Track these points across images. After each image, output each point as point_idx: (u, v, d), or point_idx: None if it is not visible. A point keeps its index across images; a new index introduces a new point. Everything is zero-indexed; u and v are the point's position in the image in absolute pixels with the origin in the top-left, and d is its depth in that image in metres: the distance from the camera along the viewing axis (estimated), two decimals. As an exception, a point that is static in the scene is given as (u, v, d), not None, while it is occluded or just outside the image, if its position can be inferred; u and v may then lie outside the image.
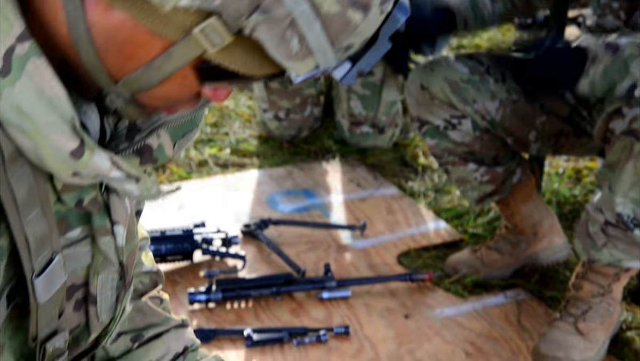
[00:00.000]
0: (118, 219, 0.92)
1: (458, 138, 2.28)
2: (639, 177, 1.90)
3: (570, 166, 2.98)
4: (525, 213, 2.41)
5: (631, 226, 1.95)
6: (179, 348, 1.17)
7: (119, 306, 0.98)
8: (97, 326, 0.96)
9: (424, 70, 2.31)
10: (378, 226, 2.70)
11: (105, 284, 0.94)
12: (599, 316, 2.08)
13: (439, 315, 2.28)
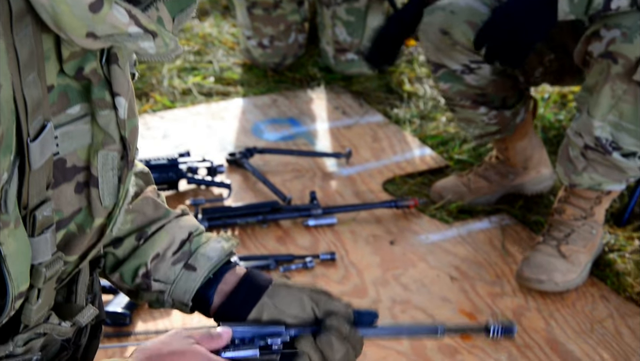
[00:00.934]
0: (119, 91, 0.90)
1: (473, 82, 2.23)
2: (617, 100, 1.90)
3: (555, 91, 2.97)
4: (520, 149, 2.41)
5: (610, 149, 1.95)
6: (184, 235, 1.18)
7: (122, 187, 0.96)
8: (100, 210, 0.94)
9: (442, 12, 2.17)
10: (363, 154, 2.70)
11: (106, 164, 0.93)
12: (582, 239, 2.10)
13: (424, 241, 2.30)
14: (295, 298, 1.13)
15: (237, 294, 1.15)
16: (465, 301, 2.06)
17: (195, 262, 1.16)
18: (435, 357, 1.89)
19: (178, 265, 1.15)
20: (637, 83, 1.86)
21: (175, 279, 1.15)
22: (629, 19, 1.85)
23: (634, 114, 1.90)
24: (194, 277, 1.15)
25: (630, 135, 1.93)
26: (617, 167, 1.99)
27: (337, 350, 1.09)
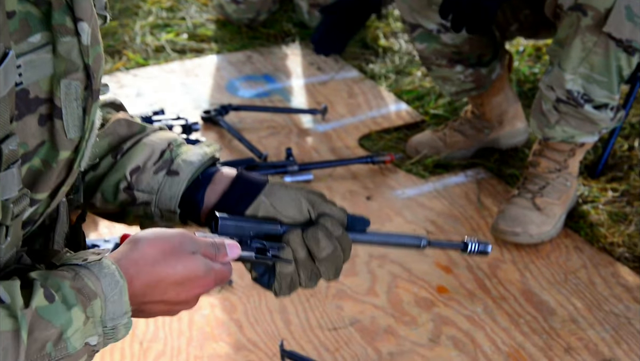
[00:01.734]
0: (82, 16, 0.88)
1: (449, 40, 2.22)
2: (587, 52, 1.91)
3: (530, 44, 2.97)
4: (495, 104, 2.41)
5: (581, 102, 1.96)
6: (163, 145, 1.13)
7: (87, 119, 0.92)
8: (65, 142, 0.91)
9: None
10: (339, 110, 2.69)
11: (69, 94, 0.90)
12: (556, 191, 2.12)
13: (401, 196, 2.31)
14: (293, 199, 1.10)
15: (231, 193, 1.11)
16: (441, 255, 2.08)
17: (177, 168, 1.11)
18: (412, 310, 1.91)
19: (160, 173, 1.11)
20: (607, 35, 1.87)
21: (160, 188, 1.11)
22: None
23: (604, 66, 1.91)
24: (177, 181, 1.10)
25: (601, 87, 1.94)
26: (589, 120, 2.00)
27: (324, 247, 1.07)
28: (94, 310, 0.87)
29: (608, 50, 1.89)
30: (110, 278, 0.88)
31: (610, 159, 2.38)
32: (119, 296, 0.89)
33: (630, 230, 2.13)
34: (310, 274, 1.09)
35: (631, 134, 2.50)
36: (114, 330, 0.89)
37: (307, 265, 1.08)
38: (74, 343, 0.85)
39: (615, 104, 2.01)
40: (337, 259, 1.09)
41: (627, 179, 2.32)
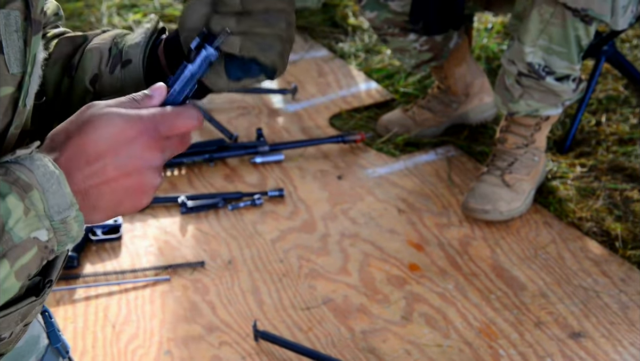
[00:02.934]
0: None
1: (399, 8, 2.22)
2: (545, 24, 1.92)
3: (498, 21, 2.98)
4: (459, 76, 2.42)
5: (543, 74, 1.98)
6: (109, 43, 1.07)
7: (28, 51, 0.88)
8: (7, 77, 0.86)
9: None
10: (309, 89, 2.69)
11: (9, 25, 0.85)
12: (524, 167, 2.14)
13: (372, 175, 2.31)
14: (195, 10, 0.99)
15: (168, 50, 1.04)
16: (413, 233, 2.09)
17: (128, 56, 1.05)
18: (385, 289, 1.93)
19: (116, 69, 1.05)
20: (563, 5, 1.89)
21: (122, 83, 1.06)
22: None
23: (562, 36, 1.93)
24: (133, 68, 1.04)
25: (562, 58, 1.96)
26: (552, 92, 2.02)
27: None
28: (33, 201, 0.81)
29: (565, 20, 1.91)
30: (43, 168, 0.82)
31: (578, 134, 2.40)
32: (57, 186, 0.82)
33: (598, 205, 2.16)
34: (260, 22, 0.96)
35: (598, 109, 2.53)
36: (64, 225, 0.83)
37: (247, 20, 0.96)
38: (19, 233, 0.80)
39: (577, 75, 2.03)
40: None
41: (595, 154, 2.34)
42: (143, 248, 2.05)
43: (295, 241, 2.07)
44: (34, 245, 0.81)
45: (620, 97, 2.57)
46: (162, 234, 2.10)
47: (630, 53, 2.78)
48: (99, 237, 2.04)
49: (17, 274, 0.81)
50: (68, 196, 0.83)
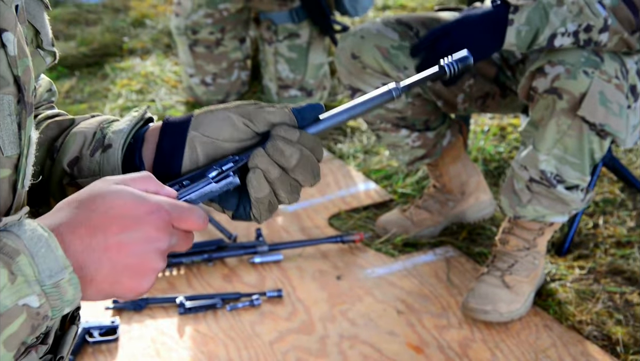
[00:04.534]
0: (6, 26, 0.84)
1: (390, 105, 2.28)
2: (562, 135, 1.95)
3: (495, 123, 3.03)
4: (454, 173, 2.45)
5: (554, 182, 2.00)
6: (95, 127, 1.07)
7: (23, 134, 0.87)
8: (3, 160, 0.86)
9: (353, 38, 2.27)
10: (308, 189, 2.71)
11: (2, 110, 0.85)
12: (525, 269, 2.14)
13: (371, 275, 2.31)
14: (223, 119, 1.00)
15: (163, 144, 1.02)
16: (412, 335, 2.07)
17: (109, 141, 1.04)
18: (384, 392, 1.89)
19: (96, 153, 1.04)
20: (581, 118, 1.92)
21: (100, 167, 1.03)
22: (572, 56, 1.91)
23: (578, 148, 1.96)
24: (112, 153, 1.03)
25: (574, 168, 1.99)
26: (561, 200, 2.04)
27: (291, 155, 0.98)
28: (21, 267, 0.79)
29: (582, 133, 1.94)
30: (31, 232, 0.80)
31: (576, 237, 2.42)
32: (47, 249, 0.80)
33: (598, 308, 2.15)
34: (289, 187, 1.00)
35: (595, 212, 2.55)
36: (57, 288, 0.81)
37: (283, 180, 0.99)
38: (4, 302, 0.77)
39: (586, 186, 2.05)
40: (309, 161, 1.00)
41: (594, 256, 2.35)
42: (140, 350, 2.03)
43: (293, 342, 2.05)
44: (22, 312, 0.79)
45: (617, 200, 2.60)
46: (160, 336, 2.08)
47: (625, 157, 2.82)
48: (96, 338, 2.02)
49: (6, 343, 0.78)
50: (60, 259, 0.81)
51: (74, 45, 3.67)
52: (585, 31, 1.88)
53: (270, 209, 1.01)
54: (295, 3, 3.12)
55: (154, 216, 0.85)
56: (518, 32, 1.89)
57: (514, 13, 1.89)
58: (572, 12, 1.88)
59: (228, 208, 1.01)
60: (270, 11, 3.15)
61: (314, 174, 1.01)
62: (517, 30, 1.89)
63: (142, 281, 0.85)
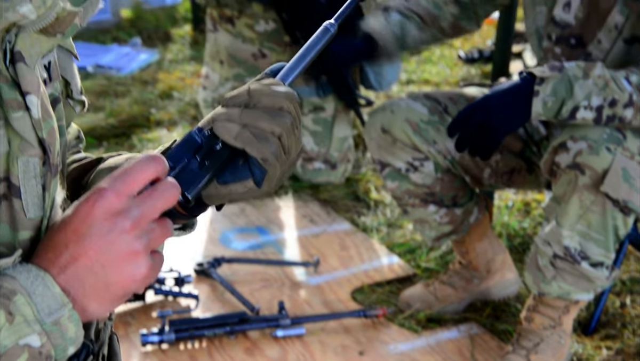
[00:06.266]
0: (29, 89, 0.85)
1: (419, 180, 2.29)
2: (585, 211, 1.95)
3: (519, 198, 3.03)
4: (480, 251, 2.44)
5: (578, 259, 1.98)
6: (122, 161, 1.08)
7: (47, 196, 0.88)
8: (24, 222, 0.86)
9: (383, 113, 2.30)
10: (331, 262, 2.70)
11: (28, 172, 0.85)
12: (550, 348, 2.11)
13: (393, 351, 2.28)
14: None
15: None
16: (436, 414, 2.04)
17: None
18: None
19: None
20: (605, 194, 1.91)
21: None
22: (594, 132, 1.92)
23: (601, 224, 1.95)
24: None
25: (598, 245, 1.97)
26: (586, 277, 2.02)
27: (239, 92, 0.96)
28: (19, 306, 0.78)
29: (605, 209, 1.93)
30: (26, 272, 0.80)
31: (603, 316, 2.38)
32: (44, 287, 0.80)
33: (627, 389, 2.10)
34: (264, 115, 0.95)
35: (622, 291, 2.51)
36: (58, 326, 0.80)
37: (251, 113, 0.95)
38: (4, 342, 0.76)
39: (611, 263, 2.03)
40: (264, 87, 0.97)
41: (621, 337, 2.31)
42: (160, 423, 2.01)
43: (315, 419, 2.02)
44: (23, 352, 0.78)
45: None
46: (180, 409, 2.05)
47: (651, 233, 2.79)
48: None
49: None
50: (58, 296, 0.80)
51: (103, 117, 3.73)
52: (610, 106, 1.89)
53: (265, 142, 0.95)
54: (321, 78, 3.16)
55: (97, 204, 0.81)
56: (544, 103, 1.91)
57: (540, 84, 1.91)
58: (597, 85, 1.89)
59: (244, 179, 0.97)
60: (296, 85, 3.20)
61: (277, 92, 0.96)
62: (544, 101, 1.91)
63: (132, 268, 0.82)
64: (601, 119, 1.90)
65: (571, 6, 2.06)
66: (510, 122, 1.95)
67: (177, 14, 5.23)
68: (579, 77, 1.90)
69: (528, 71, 1.96)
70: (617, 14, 1.99)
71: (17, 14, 0.81)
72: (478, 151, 2.03)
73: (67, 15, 0.85)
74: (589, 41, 2.06)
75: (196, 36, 4.86)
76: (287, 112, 0.96)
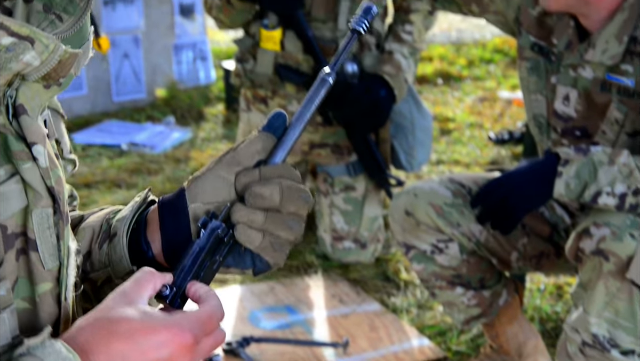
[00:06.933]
0: (35, 140, 0.85)
1: (445, 262, 2.28)
2: (611, 297, 1.91)
3: (551, 282, 2.99)
4: (510, 334, 2.40)
5: (608, 347, 1.94)
6: (101, 220, 1.07)
7: (62, 245, 0.88)
8: (43, 274, 0.86)
9: (407, 196, 2.31)
10: (361, 343, 2.68)
11: (42, 223, 0.86)
12: None
13: None
14: (214, 179, 0.99)
15: (165, 223, 1.02)
16: None
17: (114, 230, 1.04)
18: None
19: (104, 245, 1.04)
20: (631, 281, 1.89)
21: (109, 258, 1.03)
22: (617, 218, 1.91)
23: (629, 311, 1.91)
24: (117, 241, 1.02)
25: (628, 333, 1.93)
26: (616, 365, 1.97)
27: (271, 193, 0.96)
28: None
29: (632, 296, 1.90)
30: (55, 355, 0.79)
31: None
32: None
33: None
34: (285, 224, 0.98)
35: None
36: None
37: (275, 220, 0.97)
38: None
39: None
40: (291, 188, 0.98)
41: None
42: None
43: None
44: None
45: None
46: None
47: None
48: None
49: None
50: None
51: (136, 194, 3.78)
52: (634, 194, 1.89)
53: (280, 250, 0.99)
54: (352, 157, 3.20)
55: (175, 339, 0.85)
56: (567, 185, 1.91)
57: (564, 166, 1.92)
58: (622, 173, 1.89)
59: (245, 268, 1.00)
60: (328, 165, 3.23)
61: (303, 199, 0.98)
62: (566, 183, 1.91)
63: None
64: (624, 207, 1.89)
65: (570, 99, 2.09)
66: (531, 200, 1.97)
67: (211, 93, 5.34)
68: (604, 162, 1.90)
69: (553, 151, 1.97)
70: (614, 110, 2.02)
71: (21, 63, 0.81)
72: (499, 225, 2.03)
73: (69, 57, 0.85)
74: (593, 132, 2.08)
75: (229, 115, 4.95)
76: (304, 215, 1.00)
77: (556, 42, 2.12)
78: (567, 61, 2.10)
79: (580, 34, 2.06)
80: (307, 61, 3.01)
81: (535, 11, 2.15)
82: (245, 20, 3.07)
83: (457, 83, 5.58)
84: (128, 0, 4.95)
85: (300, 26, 2.95)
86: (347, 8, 2.98)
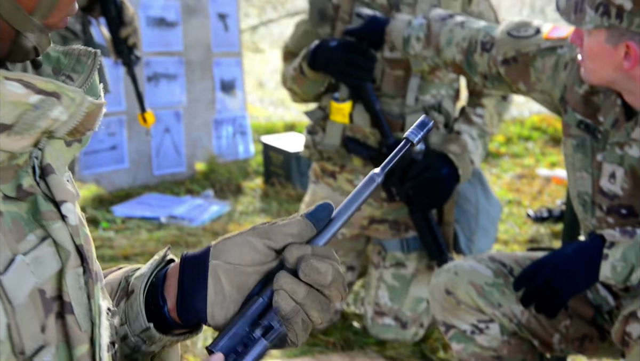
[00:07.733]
0: (64, 198, 0.86)
1: (485, 343, 2.24)
2: None
3: (594, 363, 2.91)
4: None
5: None
6: (120, 278, 1.07)
7: (93, 303, 0.88)
8: (80, 336, 0.85)
9: (447, 274, 2.28)
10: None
11: (74, 285, 0.86)
12: None
13: None
14: (242, 243, 0.99)
15: (184, 279, 1.01)
16: None
17: (132, 287, 1.04)
18: None
19: (122, 302, 1.04)
20: None
21: (126, 315, 1.03)
22: None
23: None
24: (134, 298, 1.02)
25: None
26: None
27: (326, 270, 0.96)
28: None
29: None
30: None
31: None
32: None
33: None
34: (319, 305, 0.98)
35: None
36: None
37: (313, 298, 0.97)
38: None
39: None
40: (339, 274, 0.98)
41: None
42: None
43: None
44: None
45: None
46: None
47: None
48: None
49: None
50: None
51: (174, 266, 3.80)
52: None
53: (305, 329, 0.98)
54: (409, 234, 3.16)
55: None
56: (613, 267, 1.88)
57: (610, 248, 1.89)
58: None
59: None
60: (384, 239, 3.21)
61: (344, 288, 0.99)
62: (612, 266, 1.88)
63: None
64: None
65: (616, 177, 2.07)
66: (576, 283, 1.94)
67: (249, 167, 5.39)
68: None
69: (598, 233, 1.94)
70: None
71: (49, 120, 0.82)
72: (543, 308, 2.00)
73: (95, 109, 0.86)
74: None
75: (266, 189, 4.98)
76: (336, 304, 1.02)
77: (603, 120, 2.10)
78: (613, 139, 2.08)
79: (627, 113, 2.06)
80: (374, 134, 3.03)
81: (582, 89, 2.15)
82: (317, 92, 3.10)
83: (495, 160, 5.58)
84: (171, 77, 5.07)
85: (368, 98, 2.97)
86: (416, 85, 3.02)
